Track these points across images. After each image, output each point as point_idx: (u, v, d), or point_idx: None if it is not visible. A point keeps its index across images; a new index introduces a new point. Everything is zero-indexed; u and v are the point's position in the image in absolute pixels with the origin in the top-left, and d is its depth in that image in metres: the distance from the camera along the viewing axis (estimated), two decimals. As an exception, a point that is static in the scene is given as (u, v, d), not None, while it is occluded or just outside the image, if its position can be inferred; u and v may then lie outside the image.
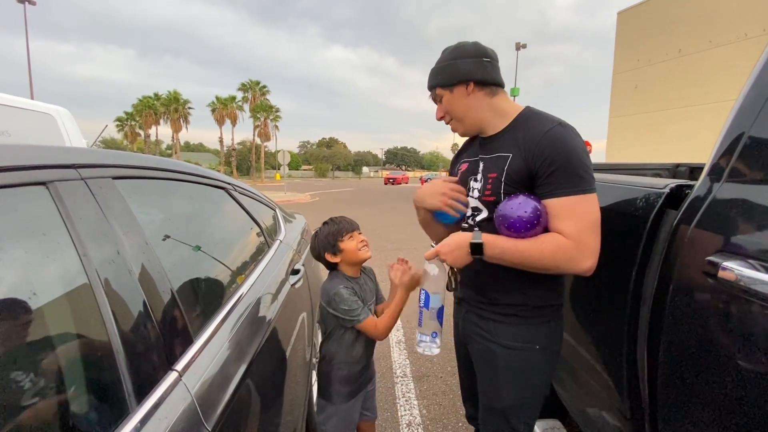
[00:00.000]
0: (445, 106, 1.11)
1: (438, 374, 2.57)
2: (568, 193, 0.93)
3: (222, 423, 0.76)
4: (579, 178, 0.93)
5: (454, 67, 1.06)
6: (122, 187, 0.83)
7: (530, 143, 0.97)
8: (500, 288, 1.08)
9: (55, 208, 0.65)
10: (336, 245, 1.39)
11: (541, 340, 1.07)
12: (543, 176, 0.96)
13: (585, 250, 0.92)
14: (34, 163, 0.65)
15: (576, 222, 0.92)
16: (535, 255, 0.94)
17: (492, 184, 1.05)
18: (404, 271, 1.40)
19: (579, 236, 0.92)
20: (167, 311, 0.79)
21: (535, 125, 1.00)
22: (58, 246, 0.63)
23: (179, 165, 1.17)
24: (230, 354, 0.91)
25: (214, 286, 1.11)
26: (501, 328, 1.09)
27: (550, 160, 0.94)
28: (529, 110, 1.07)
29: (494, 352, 1.10)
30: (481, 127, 1.11)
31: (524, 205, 0.95)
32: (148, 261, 0.79)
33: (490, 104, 1.07)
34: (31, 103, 3.53)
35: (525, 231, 0.95)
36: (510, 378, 1.09)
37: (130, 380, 0.63)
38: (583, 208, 0.93)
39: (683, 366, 0.86)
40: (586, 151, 0.96)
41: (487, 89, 1.06)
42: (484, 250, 0.98)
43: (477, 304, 1.15)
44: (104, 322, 0.64)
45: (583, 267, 0.93)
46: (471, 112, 1.08)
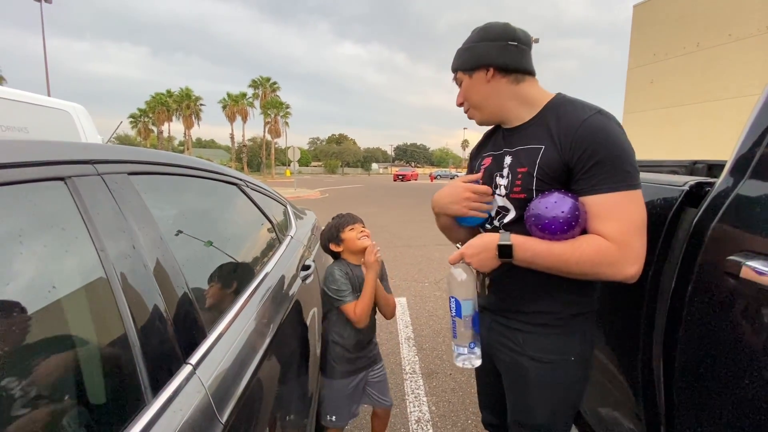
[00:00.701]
0: (464, 92, 1.02)
1: (447, 371, 2.56)
2: (611, 189, 0.82)
3: (235, 416, 0.77)
4: (624, 173, 0.82)
5: (476, 50, 0.97)
6: (137, 183, 0.84)
7: (565, 133, 0.87)
8: (528, 294, 0.98)
9: (73, 203, 0.66)
10: (338, 236, 1.55)
11: (576, 350, 0.96)
12: (582, 170, 0.85)
13: (630, 254, 0.81)
14: (53, 159, 0.66)
15: (620, 223, 0.81)
16: (572, 260, 0.84)
17: (522, 180, 0.93)
18: (369, 251, 1.46)
19: (623, 239, 0.81)
20: (181, 305, 0.80)
21: (570, 113, 0.88)
22: (76, 240, 0.64)
23: (193, 161, 1.18)
24: (243, 348, 0.92)
25: (227, 281, 1.12)
26: (531, 339, 0.99)
27: (591, 151, 0.83)
28: (562, 97, 0.95)
29: (525, 367, 0.99)
30: (501, 117, 1.01)
31: (561, 204, 0.84)
32: (163, 256, 0.80)
33: (513, 92, 0.97)
34: (47, 99, 3.60)
35: (561, 233, 0.84)
36: (544, 394, 0.99)
37: (146, 373, 0.64)
38: (628, 206, 0.82)
39: (702, 367, 0.84)
40: (630, 144, 0.85)
41: (510, 76, 0.96)
42: (514, 252, 0.88)
43: (502, 312, 1.05)
44: (121, 315, 0.65)
45: (626, 273, 0.82)
46: (490, 100, 0.99)
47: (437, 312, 3.58)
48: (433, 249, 6.19)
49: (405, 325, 3.29)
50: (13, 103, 3.17)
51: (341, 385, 1.54)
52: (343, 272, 1.50)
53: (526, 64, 0.97)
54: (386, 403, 1.67)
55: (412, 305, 3.74)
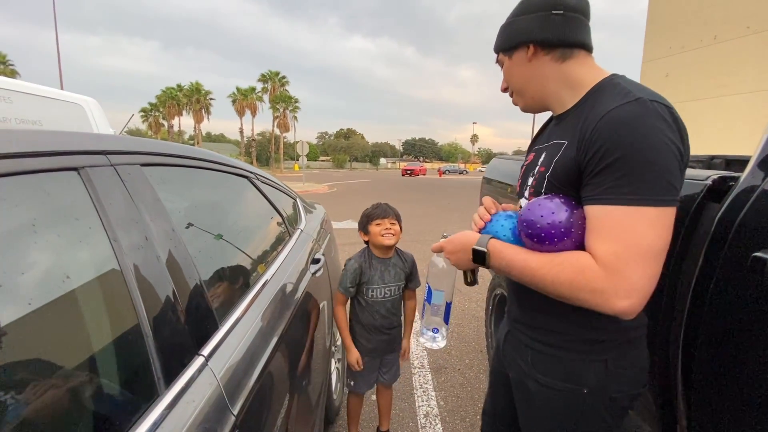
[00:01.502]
0: (505, 75, 0.90)
1: (456, 366, 2.56)
2: (616, 202, 0.66)
3: (246, 407, 0.77)
4: (641, 183, 0.64)
5: (515, 25, 0.84)
6: (150, 174, 0.84)
7: (587, 127, 0.71)
8: (543, 307, 0.84)
9: (87, 194, 0.66)
10: (366, 227, 1.66)
11: (591, 382, 0.80)
12: (591, 173, 0.70)
13: (621, 284, 0.64)
14: (66, 149, 0.66)
15: (616, 244, 0.65)
16: (548, 277, 0.71)
17: (537, 180, 0.84)
18: (350, 360, 1.69)
19: (615, 265, 0.65)
20: (193, 297, 0.80)
21: (602, 102, 0.72)
22: (89, 231, 0.64)
23: (204, 153, 1.17)
24: (254, 340, 0.92)
25: (238, 273, 1.12)
26: (539, 359, 0.86)
27: (605, 150, 0.67)
28: (610, 80, 0.77)
29: (530, 390, 0.89)
30: (544, 103, 0.88)
31: (555, 210, 0.72)
32: (175, 247, 0.80)
33: (558, 72, 0.82)
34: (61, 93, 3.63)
35: (550, 244, 0.72)
36: (550, 422, 0.87)
37: (159, 364, 0.64)
38: (634, 226, 0.64)
39: (723, 366, 0.82)
40: (672, 145, 0.65)
41: (555, 52, 0.81)
42: (489, 259, 0.79)
43: (517, 323, 0.95)
44: (134, 306, 0.65)
45: (614, 307, 0.65)
46: (531, 83, 0.85)
47: (445, 307, 3.56)
48: (442, 244, 6.16)
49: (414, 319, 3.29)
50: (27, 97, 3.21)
51: (366, 363, 1.68)
52: (358, 265, 1.63)
53: (576, 35, 0.80)
54: (388, 381, 1.81)
55: (421, 300, 3.73)
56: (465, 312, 3.46)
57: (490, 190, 2.65)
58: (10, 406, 0.45)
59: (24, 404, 0.46)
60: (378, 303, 1.65)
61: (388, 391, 1.86)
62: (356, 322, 1.69)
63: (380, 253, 1.67)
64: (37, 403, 0.48)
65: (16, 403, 0.46)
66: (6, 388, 0.46)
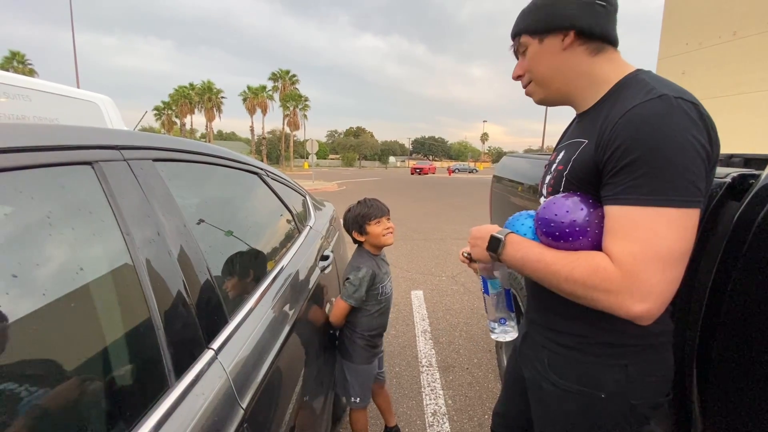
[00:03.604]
0: (528, 62, 0.83)
1: (464, 365, 2.54)
2: (636, 202, 0.63)
3: (255, 401, 0.77)
4: (664, 183, 0.62)
5: (554, 7, 0.78)
6: (162, 169, 0.85)
7: (608, 124, 0.69)
8: (561, 309, 0.82)
9: (100, 188, 0.67)
10: (363, 227, 1.57)
11: (609, 387, 0.77)
12: (610, 172, 0.67)
13: (638, 287, 0.62)
14: (80, 144, 0.67)
15: (634, 245, 0.63)
16: (562, 273, 0.69)
17: (555, 179, 0.82)
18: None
19: (632, 267, 0.62)
20: (204, 291, 0.80)
21: (625, 99, 0.69)
22: (103, 225, 0.65)
23: (215, 149, 1.18)
24: (263, 335, 0.92)
25: (248, 268, 1.13)
26: (556, 360, 0.84)
27: (625, 148, 0.64)
28: (635, 75, 0.75)
29: (545, 391, 0.86)
30: (567, 97, 0.84)
31: (571, 208, 0.70)
32: (186, 242, 0.81)
33: (588, 66, 0.78)
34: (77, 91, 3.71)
35: (566, 242, 0.71)
36: (563, 425, 0.85)
37: (170, 357, 0.65)
38: (654, 227, 0.62)
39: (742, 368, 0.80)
40: (696, 143, 0.62)
41: (591, 45, 0.78)
42: (504, 249, 0.78)
43: (535, 324, 0.93)
44: (146, 300, 0.65)
45: (629, 310, 0.63)
46: (560, 74, 0.80)
47: (454, 306, 3.55)
48: (451, 243, 6.14)
49: (421, 318, 3.28)
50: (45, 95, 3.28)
51: (369, 369, 1.63)
52: (372, 271, 1.53)
53: (613, 30, 0.78)
54: (382, 380, 1.83)
55: (429, 299, 3.72)
56: (473, 311, 3.44)
57: (501, 189, 2.62)
58: (25, 396, 0.46)
59: (38, 394, 0.47)
60: (388, 297, 1.65)
61: (384, 389, 1.86)
62: (365, 332, 1.58)
63: (376, 251, 1.63)
64: (50, 392, 0.49)
65: (31, 393, 0.47)
66: (21, 378, 0.47)
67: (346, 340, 1.60)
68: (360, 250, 1.63)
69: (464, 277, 4.38)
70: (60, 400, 0.50)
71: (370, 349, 1.61)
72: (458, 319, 3.27)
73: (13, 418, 0.44)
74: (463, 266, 4.74)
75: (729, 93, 9.81)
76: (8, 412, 0.43)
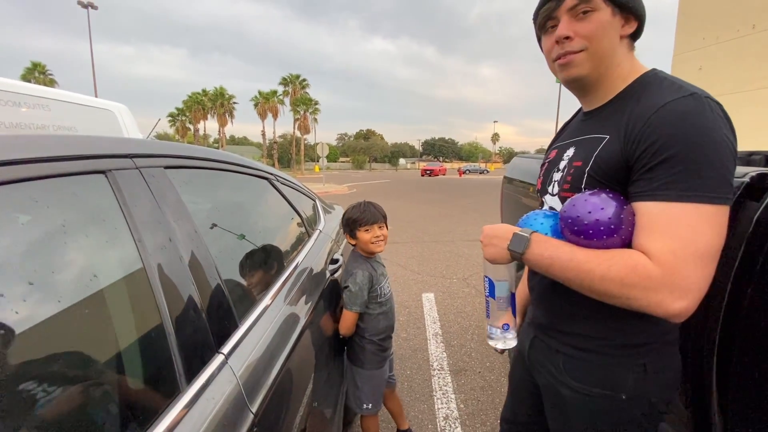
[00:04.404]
0: (592, 27, 0.73)
1: (476, 369, 2.52)
2: (675, 198, 0.62)
3: (265, 406, 0.78)
4: (700, 179, 0.61)
5: None
6: (173, 177, 0.87)
7: (636, 120, 0.68)
8: (575, 312, 0.81)
9: (113, 196, 0.68)
10: (353, 232, 1.58)
11: (629, 388, 0.76)
12: (644, 168, 0.66)
13: (678, 283, 0.61)
14: (94, 153, 0.69)
15: (674, 242, 0.62)
16: (597, 272, 0.66)
17: (573, 175, 0.79)
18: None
19: (673, 263, 0.61)
20: (214, 296, 0.81)
21: (653, 95, 0.69)
22: (115, 231, 0.67)
23: (225, 155, 1.20)
24: (273, 339, 0.93)
25: (257, 273, 1.14)
26: (572, 365, 0.82)
27: (661, 144, 0.63)
28: (654, 74, 0.75)
29: (563, 396, 0.84)
30: (597, 84, 0.80)
31: (603, 205, 0.68)
32: (197, 248, 0.82)
33: (624, 59, 0.77)
34: (93, 100, 3.81)
35: (598, 240, 0.69)
36: (585, 430, 0.83)
37: (181, 361, 0.66)
38: (692, 224, 0.61)
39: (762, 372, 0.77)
40: (728, 142, 0.63)
41: (632, 41, 0.79)
42: (530, 248, 0.74)
43: (545, 330, 0.91)
44: (158, 305, 0.66)
45: (670, 308, 0.62)
46: (611, 57, 0.76)
47: (465, 309, 3.52)
48: (462, 245, 6.10)
49: (433, 321, 3.26)
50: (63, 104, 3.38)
51: (381, 374, 1.63)
52: (369, 273, 1.54)
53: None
54: (394, 382, 1.82)
55: (440, 301, 3.70)
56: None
57: (512, 190, 2.60)
58: (41, 399, 0.47)
59: (54, 396, 0.48)
60: (389, 298, 1.64)
61: (395, 393, 1.86)
62: (373, 336, 1.57)
63: (368, 255, 1.62)
64: (66, 395, 0.50)
65: (48, 395, 0.48)
66: (38, 381, 0.48)
67: (355, 346, 1.60)
68: (354, 253, 1.63)
69: (476, 279, 4.34)
70: (76, 403, 0.51)
71: (379, 353, 1.60)
72: (470, 321, 3.24)
73: (29, 420, 0.45)
74: (474, 268, 4.70)
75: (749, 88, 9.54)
76: (24, 414, 0.45)
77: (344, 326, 1.53)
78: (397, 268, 4.75)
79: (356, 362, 1.60)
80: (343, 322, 1.53)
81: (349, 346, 1.64)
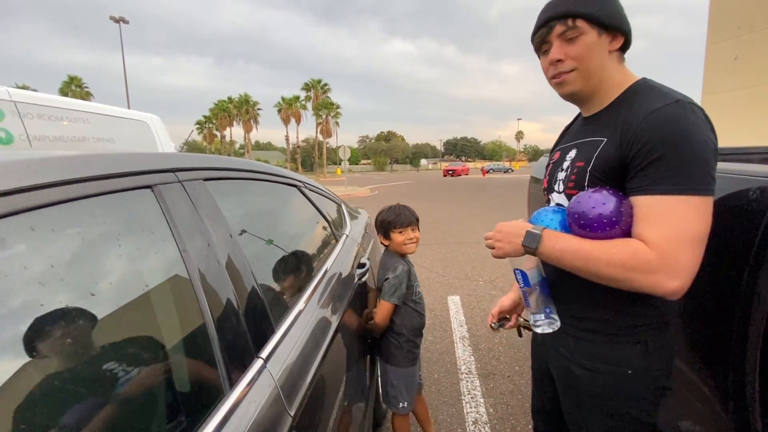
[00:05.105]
0: (580, 49, 0.83)
1: (505, 373, 2.48)
2: (666, 191, 0.72)
3: (302, 409, 0.80)
4: (686, 174, 0.71)
5: (617, 7, 0.83)
6: (211, 188, 0.91)
7: (630, 124, 0.77)
8: (581, 298, 0.91)
9: (159, 209, 0.72)
10: (387, 233, 1.65)
11: (634, 363, 0.85)
12: (638, 166, 0.76)
13: (672, 265, 0.71)
14: (141, 169, 0.73)
15: (667, 229, 0.71)
16: (602, 259, 0.76)
17: (576, 174, 0.88)
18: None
19: (667, 248, 0.71)
20: (251, 301, 0.85)
21: (643, 102, 0.78)
22: (162, 242, 0.71)
23: (257, 165, 1.25)
24: (307, 342, 0.96)
25: (290, 277, 1.18)
26: (581, 346, 0.91)
27: (652, 145, 0.73)
28: (644, 83, 0.84)
29: (575, 375, 0.92)
30: (591, 96, 0.89)
31: (605, 201, 0.78)
32: (234, 254, 0.86)
33: (615, 71, 0.86)
34: (128, 112, 4.01)
35: (602, 231, 0.78)
36: (597, 406, 0.90)
37: (224, 366, 0.69)
38: (683, 213, 0.71)
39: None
40: (710, 142, 0.72)
41: (622, 53, 0.87)
42: (541, 243, 0.83)
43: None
44: (201, 311, 0.70)
45: (666, 287, 0.72)
46: (601, 72, 0.85)
47: (492, 311, 3.47)
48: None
49: (459, 324, 3.24)
50: (101, 117, 3.58)
51: (413, 371, 1.65)
52: (408, 267, 1.60)
53: None
54: (421, 381, 1.83)
55: (467, 304, 3.67)
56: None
57: (539, 189, 2.55)
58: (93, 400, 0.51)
59: (106, 399, 0.52)
60: (421, 298, 1.68)
61: (422, 396, 1.86)
62: (408, 333, 1.61)
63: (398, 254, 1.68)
64: (117, 398, 0.54)
65: (101, 398, 0.52)
66: (91, 383, 0.52)
67: (390, 344, 1.62)
68: (388, 252, 1.69)
69: (502, 281, 4.28)
70: (128, 405, 0.55)
71: (413, 350, 1.64)
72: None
73: (80, 422, 0.48)
74: (501, 270, 4.63)
75: (791, 77, 8.94)
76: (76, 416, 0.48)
77: (380, 317, 1.57)
78: (421, 271, 4.74)
79: (391, 360, 1.63)
80: (380, 313, 1.58)
81: (383, 343, 1.66)
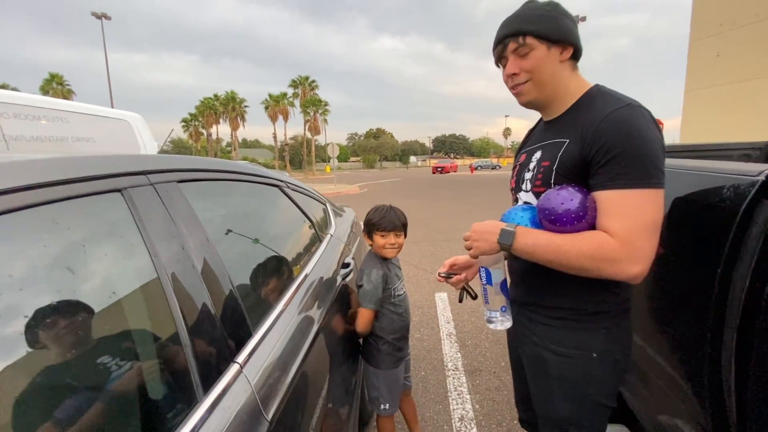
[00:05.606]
0: (532, 63, 0.92)
1: (491, 369, 2.51)
2: (624, 186, 0.80)
3: (280, 413, 0.79)
4: (641, 170, 0.79)
5: (560, 21, 0.91)
6: (186, 190, 0.89)
7: (588, 127, 0.85)
8: (550, 289, 0.98)
9: (129, 213, 0.71)
10: (370, 233, 1.63)
11: (598, 347, 0.94)
12: (598, 164, 0.83)
13: (633, 253, 0.79)
14: (111, 172, 0.71)
15: (627, 220, 0.79)
16: (572, 252, 0.82)
17: (543, 173, 0.95)
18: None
19: (628, 237, 0.79)
20: (228, 305, 0.83)
21: (598, 106, 0.87)
22: (132, 248, 0.69)
23: (236, 165, 1.22)
24: (286, 346, 0.94)
25: (270, 281, 1.16)
26: (551, 332, 0.99)
27: (609, 145, 0.81)
28: (597, 89, 0.93)
29: (545, 359, 1.00)
30: (551, 101, 0.98)
31: (572, 197, 0.84)
32: (210, 258, 0.84)
33: (570, 78, 0.94)
34: (110, 111, 3.91)
35: (570, 225, 0.85)
36: (563, 387, 0.99)
37: (197, 371, 0.68)
38: (638, 205, 0.79)
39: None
40: (658, 140, 0.81)
41: (575, 62, 0.95)
42: (515, 239, 0.89)
43: (527, 306, 1.07)
44: (173, 317, 0.69)
45: (629, 272, 0.79)
46: (553, 81, 0.93)
47: (479, 308, 3.50)
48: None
49: (446, 321, 3.26)
50: (80, 116, 3.48)
51: (396, 374, 1.64)
52: (383, 272, 1.56)
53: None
54: (409, 385, 1.82)
55: (454, 301, 3.69)
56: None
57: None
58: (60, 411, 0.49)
59: (75, 409, 0.51)
60: (403, 299, 1.65)
61: (410, 396, 1.86)
62: (388, 336, 1.59)
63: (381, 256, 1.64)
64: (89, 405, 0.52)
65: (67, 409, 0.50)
66: (57, 391, 0.50)
67: (370, 346, 1.62)
68: (370, 253, 1.67)
69: (489, 277, 4.31)
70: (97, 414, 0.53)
71: (395, 353, 1.61)
72: (484, 322, 3.22)
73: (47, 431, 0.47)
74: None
75: (769, 74, 9.17)
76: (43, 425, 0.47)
77: (361, 324, 1.56)
78: (409, 268, 4.76)
79: (372, 362, 1.62)
80: (359, 321, 1.56)
81: (364, 346, 1.65)
